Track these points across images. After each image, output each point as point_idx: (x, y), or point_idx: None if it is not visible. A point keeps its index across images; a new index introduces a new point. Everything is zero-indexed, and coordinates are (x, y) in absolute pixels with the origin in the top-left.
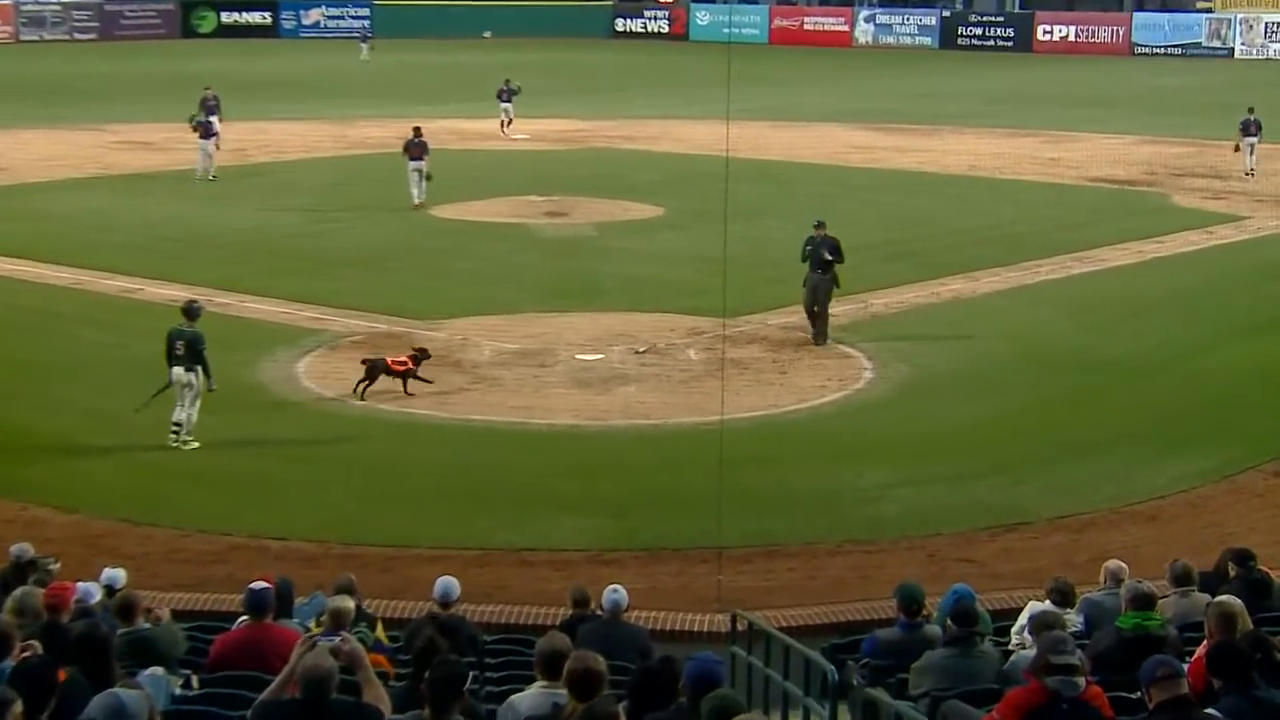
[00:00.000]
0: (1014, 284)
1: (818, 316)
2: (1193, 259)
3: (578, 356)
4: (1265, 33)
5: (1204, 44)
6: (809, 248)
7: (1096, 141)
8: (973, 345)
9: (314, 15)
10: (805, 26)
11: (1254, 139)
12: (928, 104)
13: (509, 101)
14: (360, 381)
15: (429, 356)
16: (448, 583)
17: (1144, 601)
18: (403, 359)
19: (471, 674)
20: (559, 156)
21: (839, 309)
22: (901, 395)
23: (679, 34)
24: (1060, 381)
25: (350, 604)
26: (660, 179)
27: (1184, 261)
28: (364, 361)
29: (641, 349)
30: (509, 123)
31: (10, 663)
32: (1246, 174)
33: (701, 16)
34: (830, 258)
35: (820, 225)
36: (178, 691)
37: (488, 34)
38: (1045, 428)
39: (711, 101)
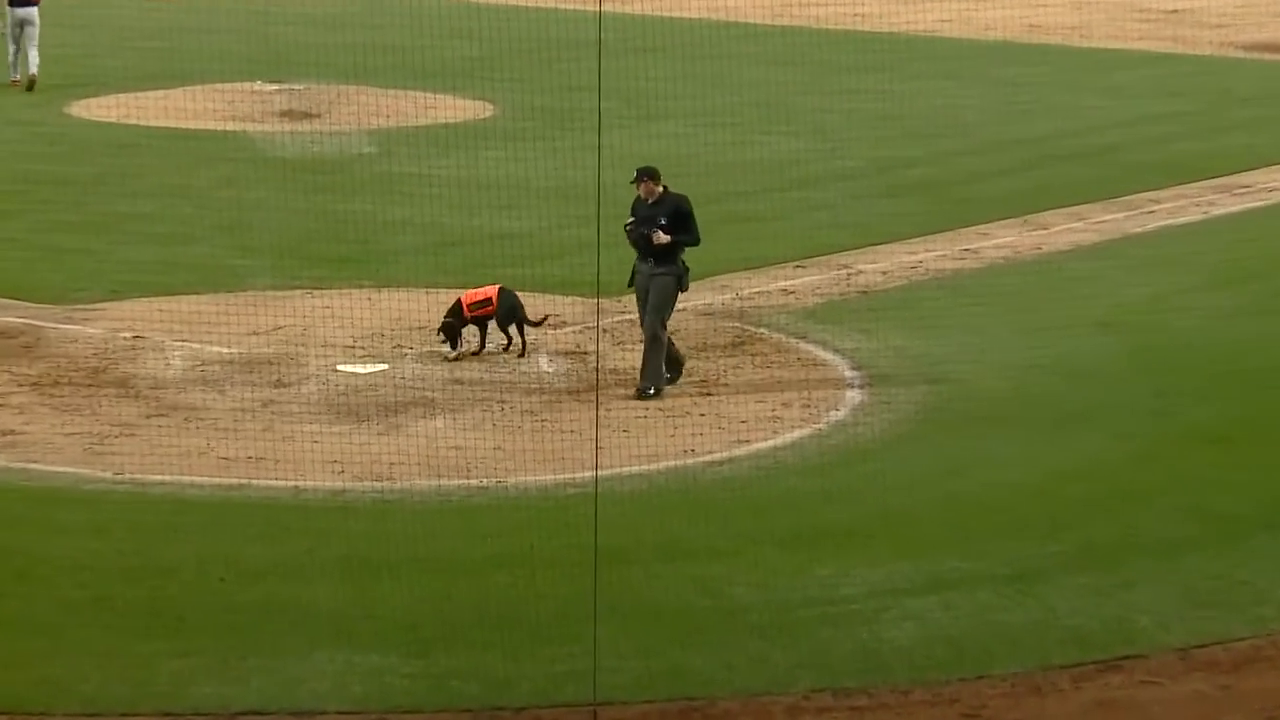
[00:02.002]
0: (1109, 234)
1: (649, 343)
2: None
3: (342, 368)
4: None
5: None
6: (633, 221)
7: None
8: (1042, 343)
9: None
10: None
11: None
12: None
13: None
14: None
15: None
16: None
17: None
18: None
19: None
20: (307, 10)
21: (799, 279)
22: (915, 432)
23: None
24: (1199, 406)
25: None
26: (487, 53)
27: None
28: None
29: (453, 354)
30: None
31: None
32: None
33: None
34: (664, 232)
35: (647, 176)
36: None
37: None
38: (1172, 487)
39: None
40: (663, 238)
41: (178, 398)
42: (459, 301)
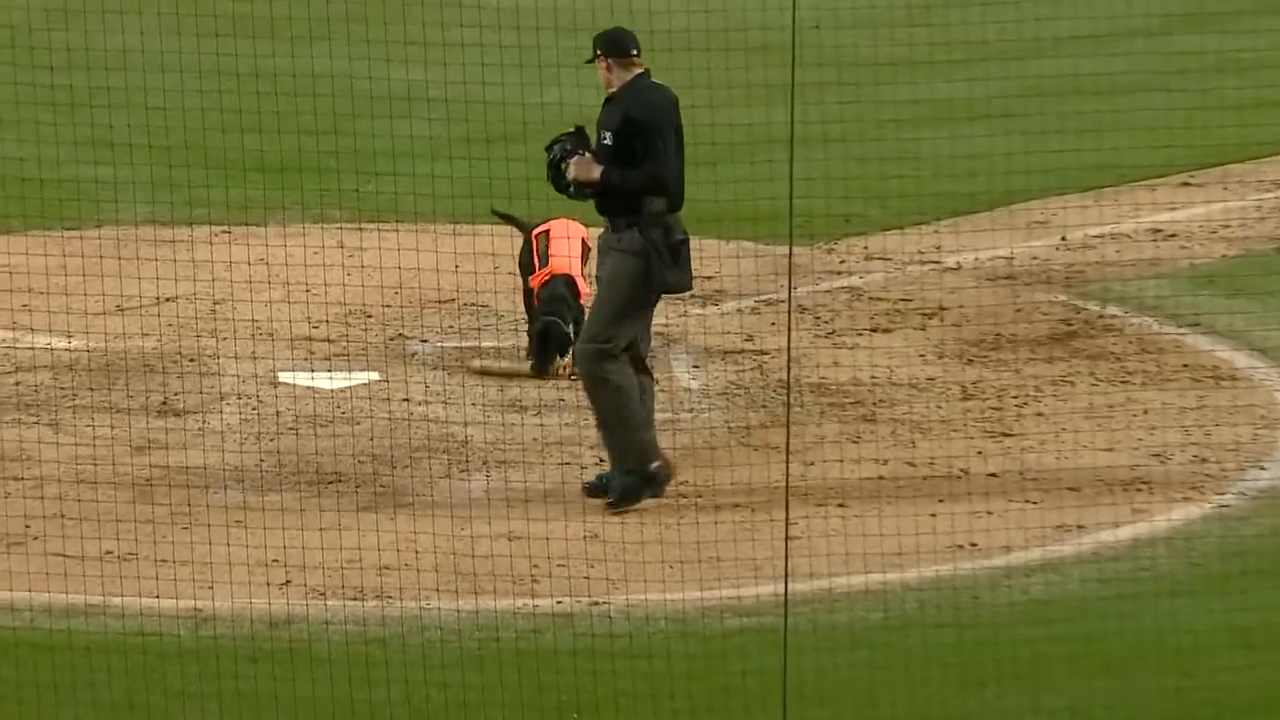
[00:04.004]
0: None
1: (589, 390)
2: None
3: (289, 378)
4: None
5: None
6: (566, 136)
7: None
8: None
9: None
10: None
11: None
12: None
13: None
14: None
15: None
16: None
17: None
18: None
19: None
20: None
21: (1188, 210)
22: None
23: None
24: None
25: None
26: None
27: None
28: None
29: (497, 369)
30: None
31: None
32: None
33: None
34: (597, 160)
35: (604, 50)
36: None
37: None
38: None
39: None
40: (588, 172)
41: None
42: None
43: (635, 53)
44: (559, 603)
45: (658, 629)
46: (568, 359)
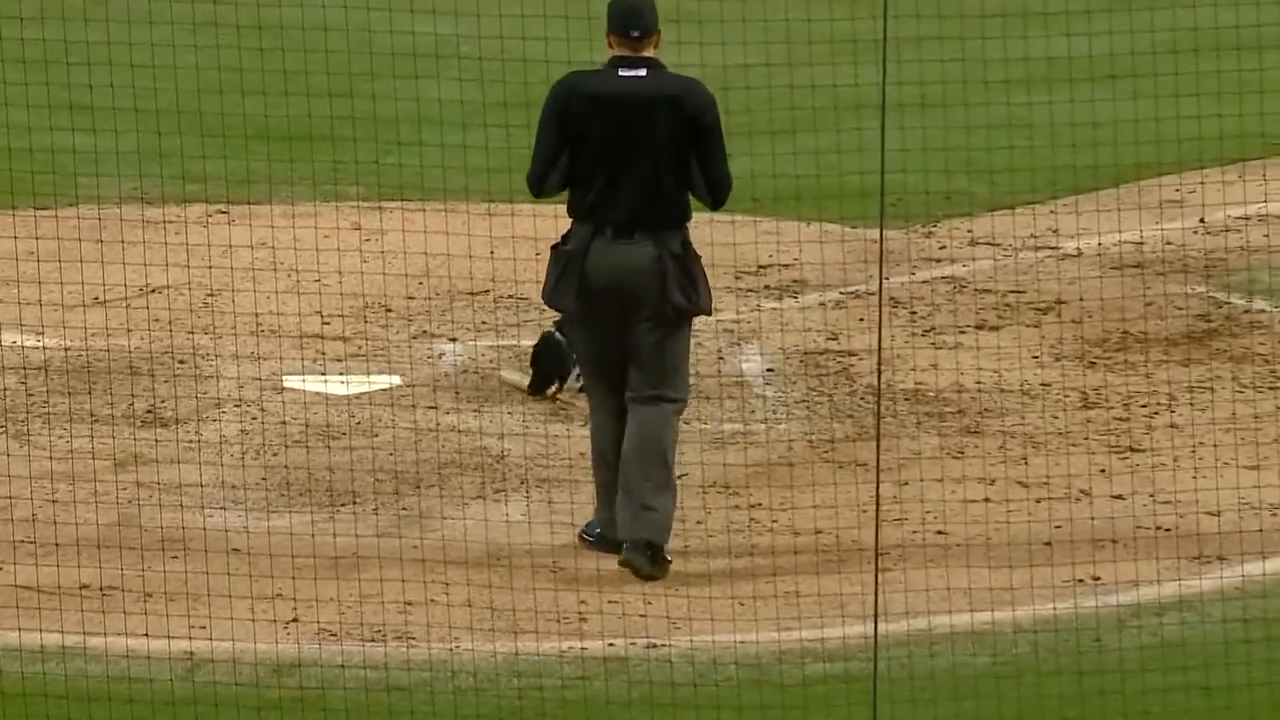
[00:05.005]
0: None
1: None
2: None
3: (295, 383)
4: None
5: None
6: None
7: None
8: None
9: None
10: None
11: None
12: None
13: None
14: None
15: None
16: None
17: None
18: None
19: None
20: None
21: None
22: None
23: None
24: None
25: None
26: None
27: None
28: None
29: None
30: None
31: None
32: None
33: None
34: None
35: (608, 22)
36: None
37: None
38: None
39: None
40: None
41: None
42: None
43: (636, 34)
44: (610, 645)
45: (726, 676)
46: (568, 382)
